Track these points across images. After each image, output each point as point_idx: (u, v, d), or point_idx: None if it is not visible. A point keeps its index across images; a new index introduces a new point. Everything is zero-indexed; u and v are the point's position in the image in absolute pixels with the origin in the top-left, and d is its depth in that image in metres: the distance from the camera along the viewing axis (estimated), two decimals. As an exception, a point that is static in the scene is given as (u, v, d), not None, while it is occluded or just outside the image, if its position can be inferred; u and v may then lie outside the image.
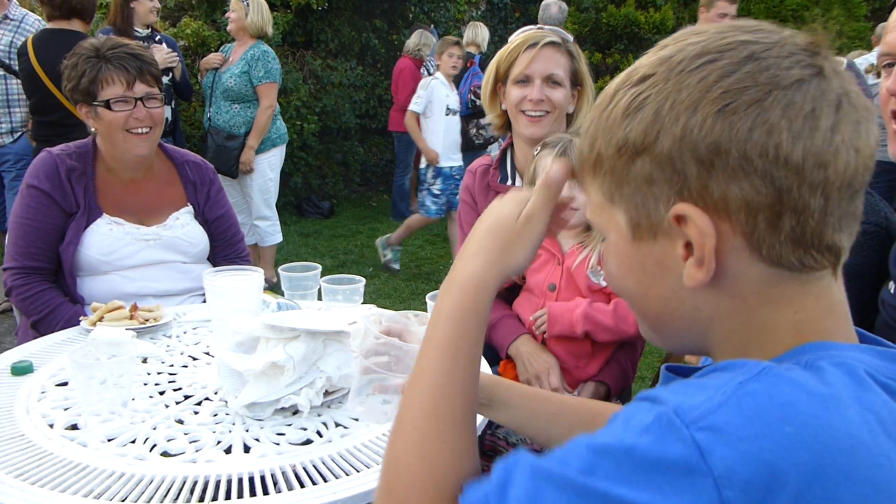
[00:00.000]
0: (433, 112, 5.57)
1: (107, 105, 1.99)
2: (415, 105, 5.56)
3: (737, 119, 0.57)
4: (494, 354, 1.94)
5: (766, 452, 0.51)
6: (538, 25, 2.06)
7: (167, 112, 4.54)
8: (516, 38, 2.01)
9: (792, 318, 0.61)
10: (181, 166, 2.22)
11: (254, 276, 1.58)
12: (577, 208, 1.75)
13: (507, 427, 1.75)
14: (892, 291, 1.33)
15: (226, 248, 2.29)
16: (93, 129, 2.08)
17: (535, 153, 1.86)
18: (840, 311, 0.64)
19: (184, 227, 2.16)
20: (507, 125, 2.10)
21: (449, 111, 5.63)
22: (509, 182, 2.08)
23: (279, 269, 1.78)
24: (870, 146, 0.60)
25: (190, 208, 2.20)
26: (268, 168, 4.71)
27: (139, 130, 2.03)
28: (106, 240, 2.03)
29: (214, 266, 2.25)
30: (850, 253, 1.62)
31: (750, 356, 0.61)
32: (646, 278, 0.66)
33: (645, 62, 0.64)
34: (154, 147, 2.11)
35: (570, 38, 2.03)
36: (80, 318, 1.77)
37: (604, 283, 1.80)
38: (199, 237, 2.19)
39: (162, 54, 4.30)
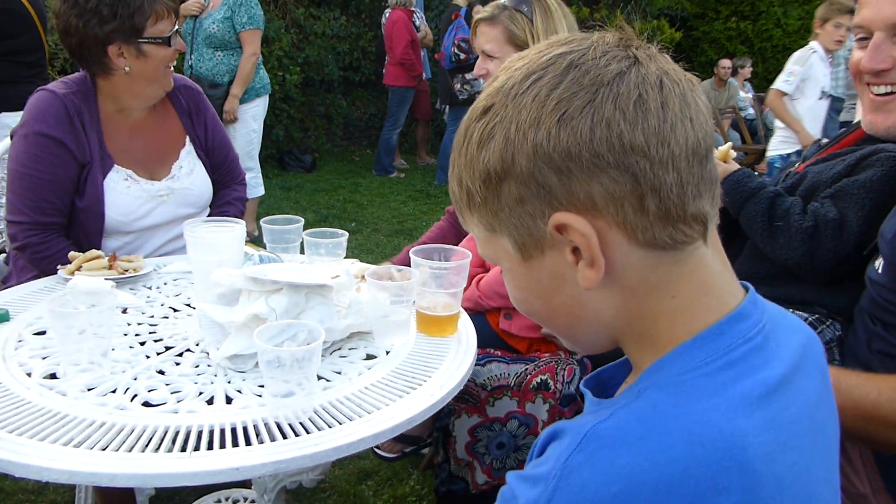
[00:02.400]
0: (804, 93, 4.52)
1: (165, 41, 1.86)
2: (785, 84, 4.49)
3: (576, 123, 0.61)
4: None
5: None
6: None
7: None
8: None
9: (670, 304, 0.66)
10: (173, 94, 2.06)
11: (236, 228, 1.56)
12: None
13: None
14: (878, 270, 1.33)
15: (226, 175, 2.21)
16: (126, 69, 1.86)
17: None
18: (714, 282, 0.67)
19: (189, 174, 2.06)
20: None
21: (823, 94, 4.58)
22: None
23: (261, 222, 1.76)
24: (701, 113, 0.64)
25: (190, 146, 2.09)
26: (251, 119, 4.66)
27: (172, 64, 1.93)
28: (125, 199, 1.92)
29: (216, 196, 2.20)
30: (871, 171, 1.60)
31: (645, 349, 0.67)
32: (546, 293, 0.70)
33: (482, 96, 0.68)
34: None
35: (522, 4, 1.98)
36: (58, 266, 1.74)
37: None
38: (203, 184, 2.10)
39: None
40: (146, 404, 1.19)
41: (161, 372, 1.30)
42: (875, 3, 1.28)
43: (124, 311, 1.56)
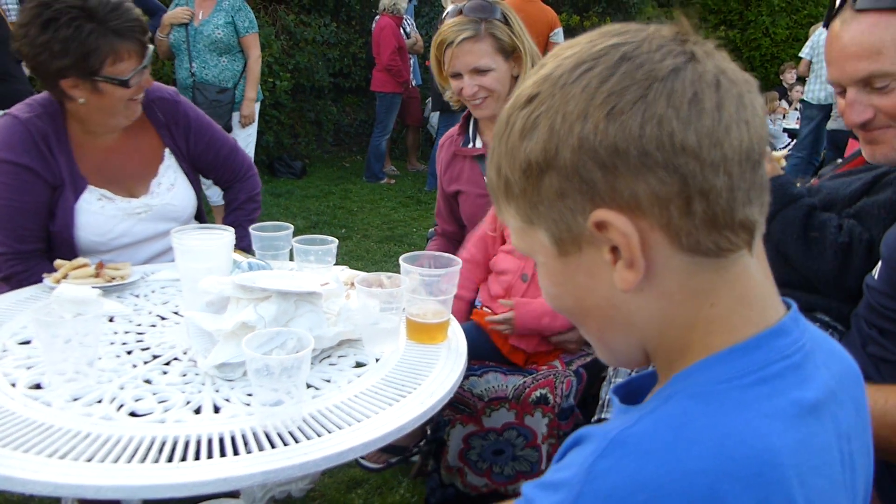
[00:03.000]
0: None
1: (122, 83, 1.77)
2: None
3: (626, 118, 0.58)
4: None
5: None
6: (459, 6, 2.04)
7: None
8: (441, 29, 2.05)
9: (707, 313, 0.63)
10: (148, 107, 1.99)
11: (224, 235, 1.55)
12: None
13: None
14: (875, 276, 1.33)
15: (226, 173, 2.17)
16: (81, 100, 1.80)
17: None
18: (755, 294, 0.64)
19: (169, 190, 2.01)
20: None
21: None
22: (470, 145, 2.19)
23: (250, 229, 1.75)
24: (758, 116, 0.61)
25: (169, 160, 2.04)
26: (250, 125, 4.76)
27: (138, 97, 1.87)
28: (99, 219, 1.89)
29: (226, 200, 2.19)
30: (885, 189, 1.58)
31: (675, 358, 0.64)
32: (580, 291, 0.67)
33: (528, 84, 0.65)
34: None
35: (494, 12, 1.99)
36: (44, 275, 1.72)
37: None
38: (186, 198, 2.05)
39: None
40: (133, 414, 1.17)
41: (148, 381, 1.29)
42: (838, 64, 1.30)
43: (111, 320, 1.54)
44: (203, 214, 2.23)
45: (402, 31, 6.92)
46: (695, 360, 0.62)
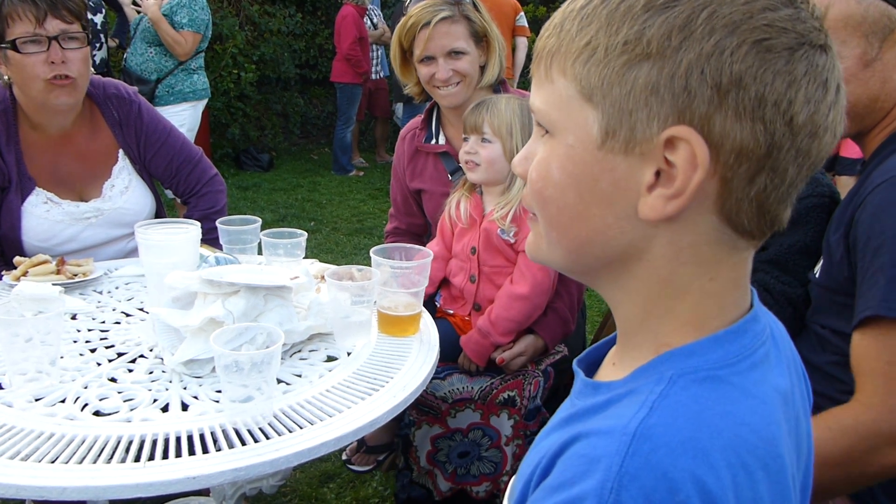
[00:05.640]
0: None
1: (13, 46, 1.70)
2: None
3: (769, 58, 0.54)
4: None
5: None
6: None
7: (104, 52, 4.33)
8: (410, 12, 1.98)
9: (703, 285, 0.60)
10: (104, 104, 1.93)
11: (190, 230, 1.52)
12: (478, 163, 1.77)
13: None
14: (816, 274, 1.34)
15: (183, 183, 2.05)
16: (6, 77, 1.81)
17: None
18: (744, 283, 0.63)
19: (123, 193, 1.93)
20: (426, 91, 2.09)
21: None
22: (433, 141, 2.11)
23: (217, 223, 1.72)
24: (838, 135, 0.59)
25: (123, 161, 1.96)
26: (177, 123, 4.51)
27: (59, 75, 1.74)
28: (43, 224, 1.82)
29: (187, 205, 2.09)
30: (804, 230, 1.55)
31: (651, 318, 0.61)
32: (592, 196, 0.59)
33: None
34: (80, 96, 1.84)
35: None
36: (3, 272, 1.67)
37: (512, 239, 1.77)
38: (142, 201, 1.97)
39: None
40: (97, 413, 1.15)
41: (113, 379, 1.26)
42: None
43: (74, 318, 1.51)
44: (164, 216, 2.12)
45: (368, 20, 6.86)
46: (687, 331, 0.60)
